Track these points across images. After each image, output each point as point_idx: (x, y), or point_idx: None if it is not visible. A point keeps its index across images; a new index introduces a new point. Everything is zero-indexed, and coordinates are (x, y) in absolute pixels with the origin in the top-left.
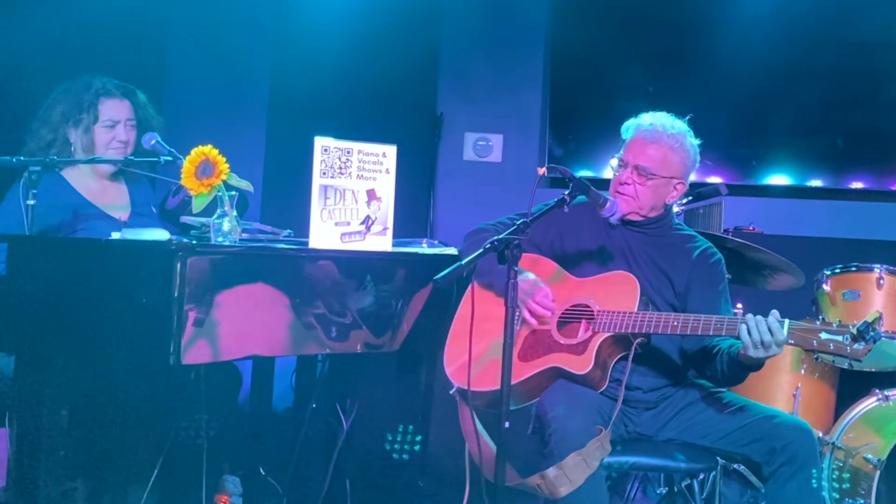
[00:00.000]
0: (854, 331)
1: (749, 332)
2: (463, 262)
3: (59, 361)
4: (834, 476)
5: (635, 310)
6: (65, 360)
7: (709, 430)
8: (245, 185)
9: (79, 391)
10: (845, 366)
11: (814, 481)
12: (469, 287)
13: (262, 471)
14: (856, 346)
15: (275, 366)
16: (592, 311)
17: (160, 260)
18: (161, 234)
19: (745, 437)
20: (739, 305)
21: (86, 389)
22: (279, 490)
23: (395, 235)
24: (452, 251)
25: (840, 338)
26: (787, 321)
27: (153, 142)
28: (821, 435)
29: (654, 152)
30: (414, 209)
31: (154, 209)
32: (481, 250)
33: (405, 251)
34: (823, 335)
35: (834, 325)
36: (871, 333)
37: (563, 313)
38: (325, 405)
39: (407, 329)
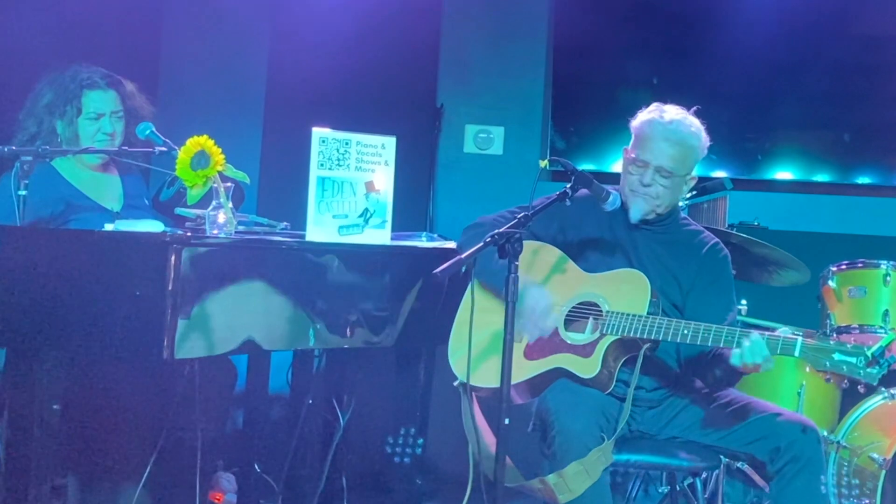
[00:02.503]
0: (869, 354)
1: (738, 356)
2: (462, 255)
3: (51, 355)
4: (839, 475)
5: (645, 312)
6: (56, 354)
7: (712, 428)
8: (241, 176)
9: (71, 386)
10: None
11: (819, 481)
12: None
13: (257, 468)
14: (870, 370)
15: (271, 361)
16: (601, 310)
17: (154, 252)
18: (155, 226)
19: (749, 435)
20: (744, 301)
21: (78, 384)
22: (275, 487)
23: (393, 229)
24: (452, 245)
25: (854, 360)
26: (799, 339)
27: (148, 132)
28: (825, 434)
29: (676, 153)
30: (413, 202)
31: (147, 201)
32: (481, 244)
33: (404, 245)
34: (837, 356)
35: (848, 345)
36: (887, 358)
37: (570, 311)
38: (321, 401)
39: (405, 324)
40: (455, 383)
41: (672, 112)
